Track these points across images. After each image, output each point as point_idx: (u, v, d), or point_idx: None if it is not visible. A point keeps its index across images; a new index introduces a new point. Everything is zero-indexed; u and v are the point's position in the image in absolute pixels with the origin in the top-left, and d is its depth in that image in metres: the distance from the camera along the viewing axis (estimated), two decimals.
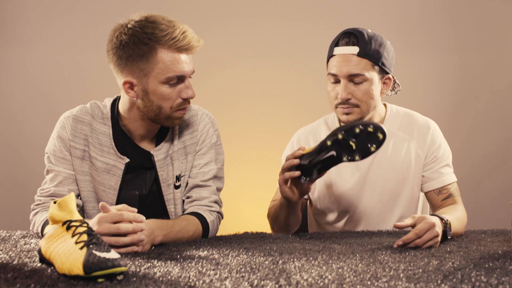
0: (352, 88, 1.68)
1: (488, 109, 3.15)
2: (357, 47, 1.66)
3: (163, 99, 1.51)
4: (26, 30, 3.02)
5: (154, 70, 1.48)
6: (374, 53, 1.67)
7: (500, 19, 3.14)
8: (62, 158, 1.58)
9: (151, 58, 1.47)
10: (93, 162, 1.59)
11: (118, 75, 1.53)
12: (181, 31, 1.48)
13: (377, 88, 1.71)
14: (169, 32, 1.46)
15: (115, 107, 1.62)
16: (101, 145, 1.59)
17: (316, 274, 1.06)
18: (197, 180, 1.63)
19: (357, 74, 1.66)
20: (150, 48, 1.46)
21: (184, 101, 1.54)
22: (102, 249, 1.03)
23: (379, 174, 1.79)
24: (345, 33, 1.70)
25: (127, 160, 1.59)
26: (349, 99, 1.68)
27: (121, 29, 1.49)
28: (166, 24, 1.47)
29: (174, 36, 1.46)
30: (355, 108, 1.69)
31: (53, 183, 1.58)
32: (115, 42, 1.49)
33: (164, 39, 1.46)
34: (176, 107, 1.53)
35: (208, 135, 1.67)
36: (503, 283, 0.96)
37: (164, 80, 1.49)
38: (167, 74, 1.48)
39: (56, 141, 1.59)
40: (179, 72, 1.49)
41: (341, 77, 1.68)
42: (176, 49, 1.48)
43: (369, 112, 1.73)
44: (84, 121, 1.59)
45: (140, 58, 1.47)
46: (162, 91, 1.50)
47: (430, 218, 1.41)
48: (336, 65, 1.68)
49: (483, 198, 3.07)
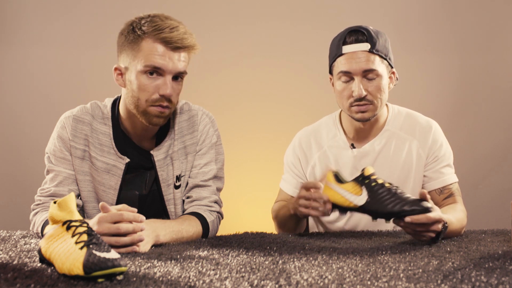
0: (366, 84, 1.68)
1: (488, 109, 3.15)
2: (367, 44, 1.66)
3: (140, 89, 1.50)
4: (27, 30, 3.02)
5: (137, 58, 1.49)
6: (382, 48, 1.69)
7: (500, 19, 3.14)
8: (62, 158, 1.58)
9: (136, 45, 1.49)
10: (93, 162, 1.59)
11: None
12: (171, 26, 1.48)
13: (387, 83, 1.73)
14: (158, 24, 1.48)
15: (116, 107, 1.62)
16: (101, 145, 1.59)
17: (316, 274, 1.06)
18: (197, 180, 1.63)
19: (371, 69, 1.67)
20: (137, 36, 1.49)
21: (161, 97, 1.51)
22: (102, 249, 1.03)
23: (381, 175, 1.78)
24: (352, 31, 1.70)
25: (127, 160, 1.59)
26: (365, 96, 1.69)
27: (128, 22, 1.54)
28: (161, 19, 1.49)
29: (161, 28, 1.47)
30: (370, 105, 1.70)
31: (53, 183, 1.58)
32: (120, 32, 1.55)
33: (151, 29, 1.47)
34: (151, 101, 1.50)
35: (208, 135, 1.67)
36: (503, 283, 0.96)
37: (142, 68, 1.48)
38: (145, 62, 1.48)
39: (56, 141, 1.59)
40: (156, 63, 1.47)
41: (355, 74, 1.68)
42: (159, 40, 1.47)
43: (381, 108, 1.74)
44: (85, 121, 1.59)
45: (129, 44, 1.50)
46: (140, 81, 1.50)
47: (440, 212, 1.42)
48: (348, 63, 1.68)
49: (483, 198, 3.07)
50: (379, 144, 1.79)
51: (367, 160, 1.79)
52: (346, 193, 1.47)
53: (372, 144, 1.80)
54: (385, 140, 1.80)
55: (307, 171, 1.85)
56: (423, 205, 1.38)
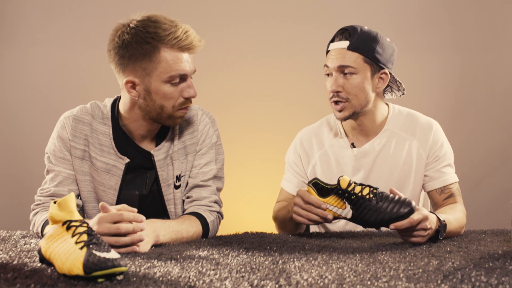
0: (342, 81, 1.70)
1: (488, 109, 3.15)
2: (347, 41, 1.69)
3: (165, 98, 1.51)
4: (27, 30, 3.02)
5: (157, 69, 1.48)
6: (365, 47, 1.69)
7: (500, 19, 3.14)
8: (62, 158, 1.58)
9: (154, 57, 1.47)
10: (93, 162, 1.59)
11: (120, 74, 1.53)
12: (184, 31, 1.48)
13: (369, 83, 1.72)
14: (172, 31, 1.47)
15: (115, 107, 1.62)
16: (101, 145, 1.59)
17: (316, 274, 1.06)
18: (197, 180, 1.63)
19: (346, 65, 1.69)
20: (153, 47, 1.46)
21: (186, 100, 1.54)
22: (102, 249, 1.03)
23: (381, 174, 1.79)
24: (340, 29, 1.74)
25: (127, 160, 1.59)
26: (339, 92, 1.70)
27: (123, 29, 1.49)
28: (168, 24, 1.48)
29: (177, 36, 1.47)
30: (346, 103, 1.71)
31: (53, 183, 1.58)
32: (117, 42, 1.49)
33: (167, 38, 1.46)
34: (178, 106, 1.53)
35: (208, 135, 1.67)
36: (503, 283, 0.96)
37: (167, 79, 1.49)
38: (169, 73, 1.48)
39: (56, 141, 1.58)
40: (182, 71, 1.50)
41: (332, 70, 1.71)
42: (178, 48, 1.48)
43: (362, 107, 1.73)
44: (84, 121, 1.59)
45: (143, 57, 1.47)
46: (165, 90, 1.50)
47: (425, 210, 1.43)
48: (327, 59, 1.74)
49: (483, 198, 3.07)
50: (379, 144, 1.80)
51: (367, 159, 1.79)
52: (331, 206, 1.49)
53: (372, 143, 1.80)
54: (385, 139, 1.80)
55: (308, 170, 1.86)
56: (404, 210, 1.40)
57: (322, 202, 1.48)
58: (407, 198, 1.43)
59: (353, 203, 1.45)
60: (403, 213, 1.40)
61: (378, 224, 1.44)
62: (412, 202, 1.42)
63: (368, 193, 1.45)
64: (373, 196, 1.44)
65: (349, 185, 1.46)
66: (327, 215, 1.48)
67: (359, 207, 1.45)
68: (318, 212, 1.48)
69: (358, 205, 1.45)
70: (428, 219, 1.41)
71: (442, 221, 1.46)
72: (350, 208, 1.46)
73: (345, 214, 1.47)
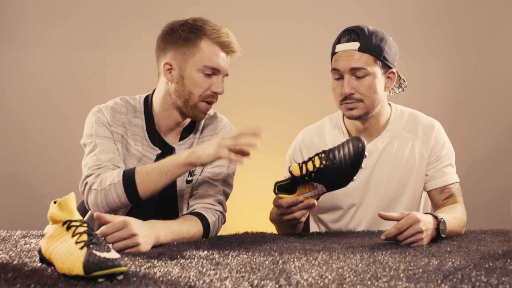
0: (355, 83, 1.69)
1: (488, 109, 3.15)
2: (357, 43, 1.68)
3: (195, 85, 1.61)
4: (27, 30, 3.02)
5: (194, 56, 1.60)
6: (375, 47, 1.68)
7: (500, 19, 3.14)
8: (106, 137, 1.62)
9: (195, 45, 1.60)
10: (128, 148, 1.65)
11: (160, 58, 1.65)
12: (226, 32, 1.63)
13: (380, 83, 1.72)
14: (216, 28, 1.62)
15: (149, 102, 1.70)
16: (135, 135, 1.67)
17: (316, 274, 1.06)
18: (206, 177, 1.68)
19: (359, 68, 1.67)
20: (196, 36, 1.60)
21: (212, 94, 1.63)
22: (102, 249, 1.03)
23: (383, 174, 1.79)
24: (346, 30, 1.72)
25: (158, 151, 1.67)
26: (352, 94, 1.69)
27: (175, 23, 1.64)
28: (214, 25, 1.64)
29: (220, 32, 1.61)
30: (359, 103, 1.71)
31: (104, 154, 1.58)
32: (166, 30, 1.64)
33: (211, 32, 1.61)
34: (204, 97, 1.63)
35: None
36: (503, 283, 0.96)
37: (201, 68, 1.60)
38: (205, 62, 1.60)
39: (96, 124, 1.63)
40: (216, 64, 1.61)
41: (344, 72, 1.69)
42: (218, 43, 1.61)
43: (374, 107, 1.73)
44: (122, 111, 1.68)
45: (185, 43, 1.60)
46: (197, 78, 1.61)
47: (415, 214, 1.42)
48: (337, 61, 1.71)
49: (483, 198, 3.07)
50: (382, 144, 1.80)
51: (370, 159, 1.79)
52: (306, 194, 1.53)
53: (375, 143, 1.80)
54: (388, 139, 1.80)
55: None
56: (356, 144, 1.46)
57: (296, 197, 1.52)
58: (354, 136, 1.50)
59: (317, 179, 1.50)
60: (358, 146, 1.46)
61: (350, 174, 1.48)
62: (360, 137, 1.48)
63: (320, 162, 1.49)
64: (325, 160, 1.48)
65: (301, 169, 1.50)
66: (309, 203, 1.51)
67: (323, 178, 1.49)
68: (300, 207, 1.52)
69: (322, 177, 1.49)
70: (420, 221, 1.40)
71: (440, 218, 1.46)
72: (319, 184, 1.51)
73: (320, 191, 1.52)
